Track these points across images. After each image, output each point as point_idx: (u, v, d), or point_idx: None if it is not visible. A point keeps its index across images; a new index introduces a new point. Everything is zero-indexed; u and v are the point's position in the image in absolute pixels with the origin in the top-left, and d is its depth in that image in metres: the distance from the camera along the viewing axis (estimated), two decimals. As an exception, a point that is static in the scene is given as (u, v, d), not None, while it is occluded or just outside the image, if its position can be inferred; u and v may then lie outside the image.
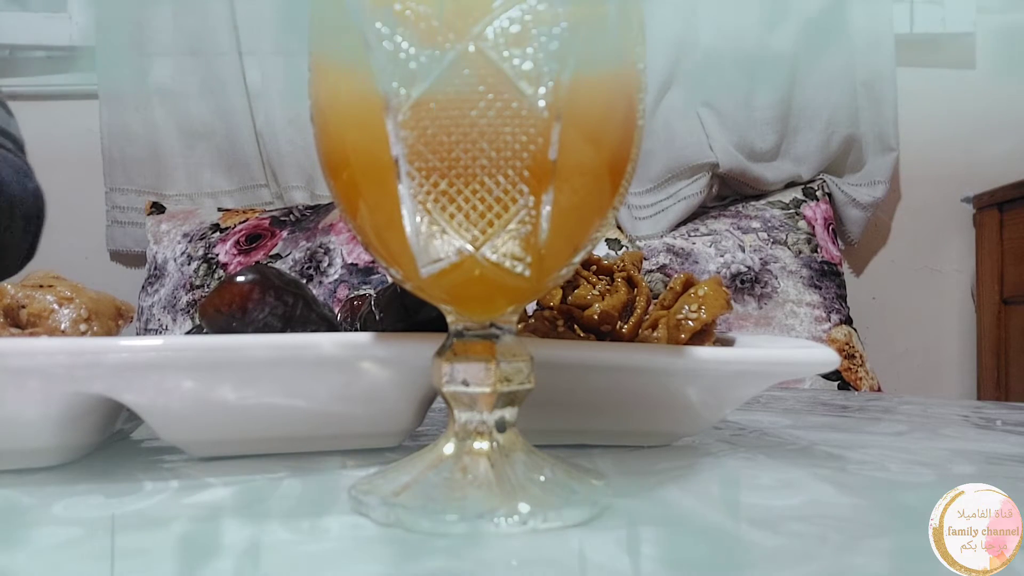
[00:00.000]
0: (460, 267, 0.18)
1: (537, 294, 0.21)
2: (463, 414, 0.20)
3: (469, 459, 0.20)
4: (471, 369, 0.20)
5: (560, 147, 0.18)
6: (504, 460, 0.20)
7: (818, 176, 1.44)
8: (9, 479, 0.22)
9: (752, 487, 0.23)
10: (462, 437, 0.20)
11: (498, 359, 0.20)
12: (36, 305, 0.24)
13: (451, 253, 0.18)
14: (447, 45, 0.17)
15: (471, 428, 0.20)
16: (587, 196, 0.19)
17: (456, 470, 0.20)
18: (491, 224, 0.18)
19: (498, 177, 0.18)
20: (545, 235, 0.18)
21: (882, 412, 0.46)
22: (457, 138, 0.17)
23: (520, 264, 0.18)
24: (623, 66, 0.19)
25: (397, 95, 0.17)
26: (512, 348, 0.20)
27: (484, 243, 0.18)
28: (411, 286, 0.20)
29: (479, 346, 0.20)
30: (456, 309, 0.20)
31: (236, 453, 0.25)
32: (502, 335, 0.20)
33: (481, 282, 0.19)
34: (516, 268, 0.18)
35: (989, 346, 1.39)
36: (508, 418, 0.20)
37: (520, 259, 0.18)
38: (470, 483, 0.19)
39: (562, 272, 0.20)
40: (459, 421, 0.20)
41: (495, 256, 0.18)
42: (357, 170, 0.19)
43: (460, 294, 0.20)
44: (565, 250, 0.19)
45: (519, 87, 0.17)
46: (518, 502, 0.18)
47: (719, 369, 0.26)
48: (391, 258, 0.20)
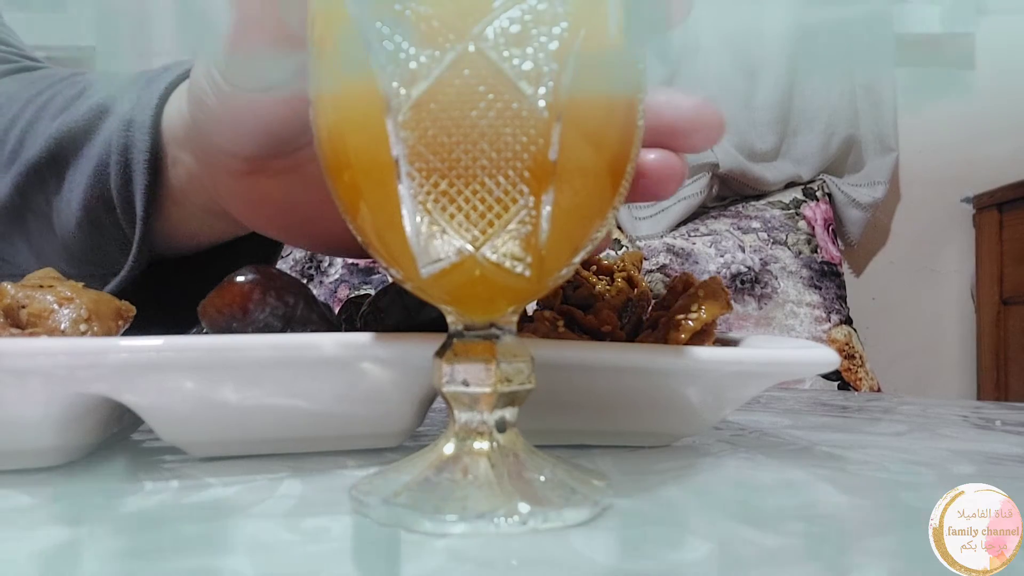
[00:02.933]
0: (460, 267, 0.18)
1: (537, 294, 0.21)
2: (463, 414, 0.20)
3: (469, 459, 0.20)
4: (471, 369, 0.20)
5: (560, 147, 0.18)
6: (504, 460, 0.20)
7: (818, 176, 1.44)
8: (9, 479, 0.22)
9: (752, 487, 0.23)
10: (462, 437, 0.20)
11: (498, 359, 0.20)
12: (36, 305, 0.24)
13: (451, 253, 0.18)
14: (447, 45, 0.17)
15: (471, 428, 0.20)
16: (587, 196, 0.19)
17: (456, 470, 0.20)
18: (491, 224, 0.18)
19: (498, 177, 0.18)
20: (545, 235, 0.18)
21: (882, 412, 0.46)
22: (457, 138, 0.17)
23: (520, 264, 0.18)
24: (623, 66, 0.19)
25: (397, 95, 0.17)
26: (513, 348, 0.20)
27: (484, 243, 0.18)
28: (411, 286, 0.20)
29: (479, 346, 0.20)
30: (456, 309, 0.20)
31: (236, 453, 0.25)
32: (503, 335, 0.20)
33: (482, 282, 0.19)
34: (516, 268, 0.19)
35: (989, 346, 1.40)
36: (508, 418, 0.20)
37: (520, 259, 0.18)
38: (470, 483, 0.19)
39: (562, 272, 0.20)
40: (459, 421, 0.20)
41: (495, 256, 0.18)
42: (358, 171, 0.19)
43: (461, 295, 0.20)
44: (565, 250, 0.19)
45: (519, 87, 0.17)
46: (518, 502, 0.18)
47: (719, 369, 0.26)
48: (391, 258, 0.20)
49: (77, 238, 0.35)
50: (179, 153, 0.32)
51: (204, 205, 0.33)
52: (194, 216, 0.34)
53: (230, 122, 0.27)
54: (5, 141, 0.36)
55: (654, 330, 0.29)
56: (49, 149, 0.34)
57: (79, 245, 0.35)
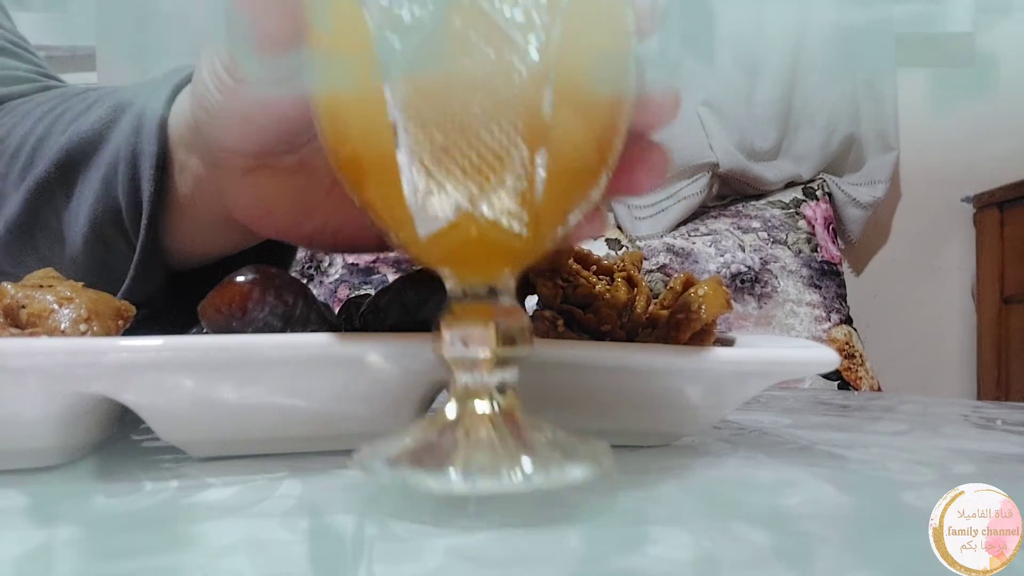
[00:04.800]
0: (458, 227, 0.19)
1: (533, 256, 0.22)
2: (463, 376, 0.20)
3: (470, 421, 0.20)
4: (471, 332, 0.20)
5: (554, 99, 0.18)
6: (506, 421, 0.20)
7: (818, 175, 1.43)
8: (9, 479, 0.22)
9: (752, 487, 0.23)
10: (463, 400, 0.20)
11: (497, 322, 0.20)
12: (36, 305, 0.24)
13: (449, 211, 0.18)
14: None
15: (472, 390, 0.20)
16: (581, 151, 0.19)
17: (459, 431, 0.20)
18: (487, 179, 0.18)
19: (492, 128, 0.18)
20: (541, 192, 0.19)
21: (882, 411, 0.46)
22: (452, 89, 0.18)
23: (517, 222, 0.19)
24: (614, 20, 0.20)
25: (392, 50, 0.18)
26: (511, 312, 0.20)
27: (481, 199, 0.18)
28: (413, 253, 0.21)
29: (478, 308, 0.20)
30: (455, 272, 0.21)
31: (236, 453, 0.25)
32: (501, 297, 0.20)
33: (479, 243, 0.19)
34: (513, 226, 0.19)
35: (989, 345, 1.39)
36: (508, 380, 0.20)
37: (517, 216, 0.19)
38: (472, 443, 0.19)
39: (558, 232, 0.20)
40: (460, 384, 0.20)
41: (492, 214, 0.18)
42: (357, 139, 0.19)
43: (459, 256, 0.20)
44: (560, 207, 0.20)
45: (511, 37, 0.18)
46: (521, 458, 0.18)
47: (719, 369, 0.26)
48: (393, 222, 0.20)
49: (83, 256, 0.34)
50: (186, 158, 0.32)
51: (211, 214, 0.33)
52: (201, 228, 0.34)
53: (236, 118, 0.27)
54: (17, 158, 0.36)
55: (654, 330, 0.29)
56: (58, 162, 0.34)
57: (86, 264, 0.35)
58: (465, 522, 0.18)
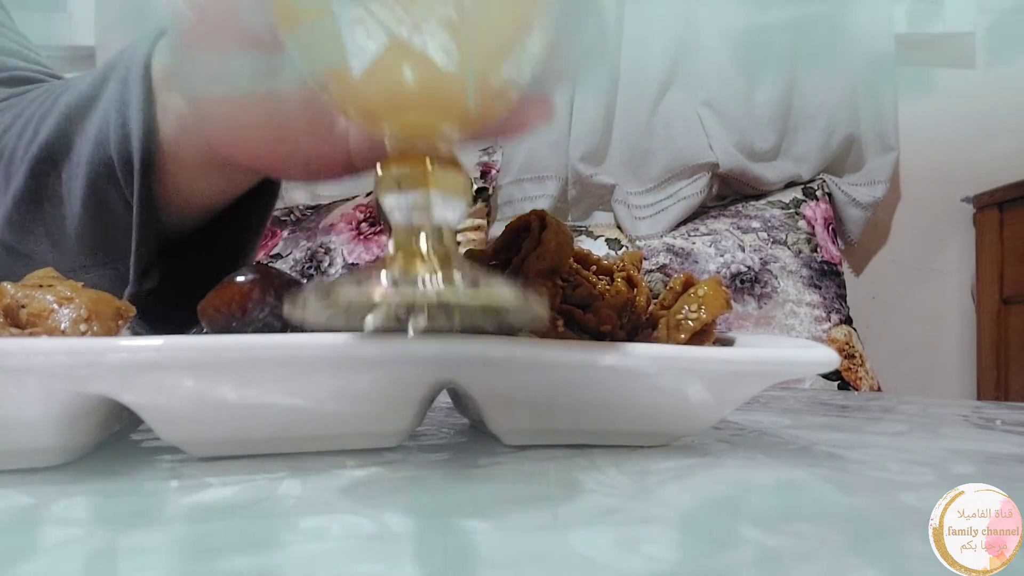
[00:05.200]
0: (388, 61, 0.19)
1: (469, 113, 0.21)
2: (399, 215, 0.20)
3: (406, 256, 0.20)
4: (407, 173, 0.20)
5: None
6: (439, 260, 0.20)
7: (818, 176, 1.43)
8: (9, 479, 0.22)
9: (752, 487, 0.23)
10: (401, 241, 0.20)
11: (434, 167, 0.20)
12: (36, 305, 0.24)
13: (380, 39, 0.19)
14: None
15: (409, 231, 0.20)
16: None
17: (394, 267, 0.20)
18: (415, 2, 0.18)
19: None
20: (469, 22, 0.19)
21: (882, 412, 0.46)
22: None
23: (446, 55, 0.19)
24: None
25: None
26: (447, 159, 0.21)
27: (410, 26, 0.18)
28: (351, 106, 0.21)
29: (416, 157, 0.20)
30: (392, 123, 0.21)
31: (236, 453, 0.25)
32: (439, 147, 0.21)
33: (413, 86, 0.19)
34: (443, 60, 0.19)
35: (989, 346, 1.40)
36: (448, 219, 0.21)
37: (445, 49, 0.19)
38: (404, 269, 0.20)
39: (491, 86, 0.21)
40: (396, 226, 0.21)
41: (421, 42, 0.19)
42: None
43: (394, 101, 0.20)
44: (491, 46, 0.20)
45: None
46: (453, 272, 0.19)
47: (719, 369, 0.26)
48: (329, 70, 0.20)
49: (84, 220, 0.36)
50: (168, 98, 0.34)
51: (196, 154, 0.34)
52: (188, 171, 0.35)
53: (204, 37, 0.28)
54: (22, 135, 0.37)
55: (654, 330, 0.29)
56: (58, 126, 0.36)
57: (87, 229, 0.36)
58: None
